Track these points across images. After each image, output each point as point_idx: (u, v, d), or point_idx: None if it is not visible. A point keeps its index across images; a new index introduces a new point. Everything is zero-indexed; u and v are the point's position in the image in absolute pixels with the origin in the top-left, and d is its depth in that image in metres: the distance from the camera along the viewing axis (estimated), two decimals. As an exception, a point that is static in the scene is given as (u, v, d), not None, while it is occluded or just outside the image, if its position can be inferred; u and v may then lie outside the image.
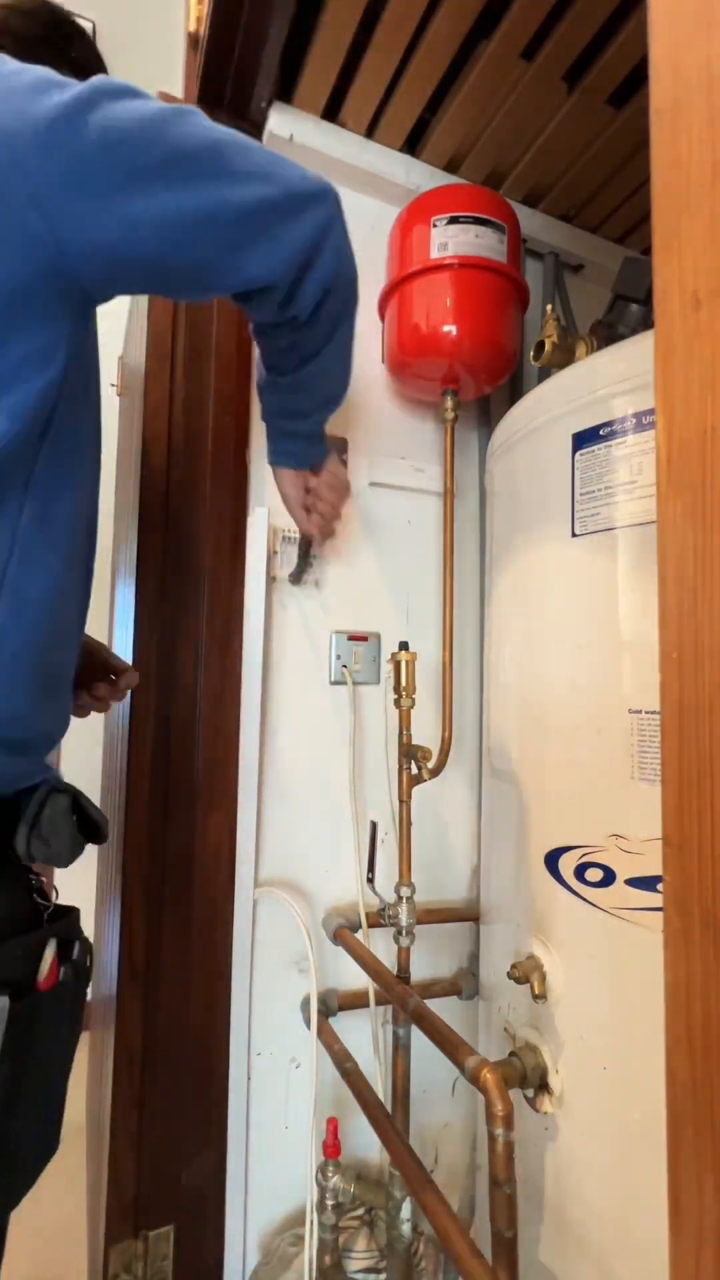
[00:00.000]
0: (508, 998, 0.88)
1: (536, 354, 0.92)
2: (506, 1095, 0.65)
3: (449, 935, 1.15)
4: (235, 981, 0.97)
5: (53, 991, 0.51)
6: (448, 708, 1.05)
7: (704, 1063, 0.30)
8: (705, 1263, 0.30)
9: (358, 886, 1.04)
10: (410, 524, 1.16)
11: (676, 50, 0.33)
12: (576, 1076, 0.75)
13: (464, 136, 1.10)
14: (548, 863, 0.80)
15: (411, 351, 1.03)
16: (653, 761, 0.68)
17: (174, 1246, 0.91)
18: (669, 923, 0.32)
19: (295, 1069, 1.02)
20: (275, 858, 1.02)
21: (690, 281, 0.32)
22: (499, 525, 1.00)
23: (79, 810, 0.56)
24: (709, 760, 0.30)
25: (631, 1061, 0.69)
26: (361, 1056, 0.92)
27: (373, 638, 1.10)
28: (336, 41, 0.94)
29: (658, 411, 0.33)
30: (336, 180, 1.15)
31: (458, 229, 0.98)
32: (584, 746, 0.76)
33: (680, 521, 0.32)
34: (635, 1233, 0.68)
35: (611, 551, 0.74)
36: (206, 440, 0.99)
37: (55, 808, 0.54)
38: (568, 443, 0.80)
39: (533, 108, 1.03)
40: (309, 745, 1.05)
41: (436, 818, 1.14)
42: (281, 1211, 1.01)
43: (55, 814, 0.54)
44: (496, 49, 0.94)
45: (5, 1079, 0.47)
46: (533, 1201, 0.80)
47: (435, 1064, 0.86)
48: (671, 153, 0.33)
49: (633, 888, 0.70)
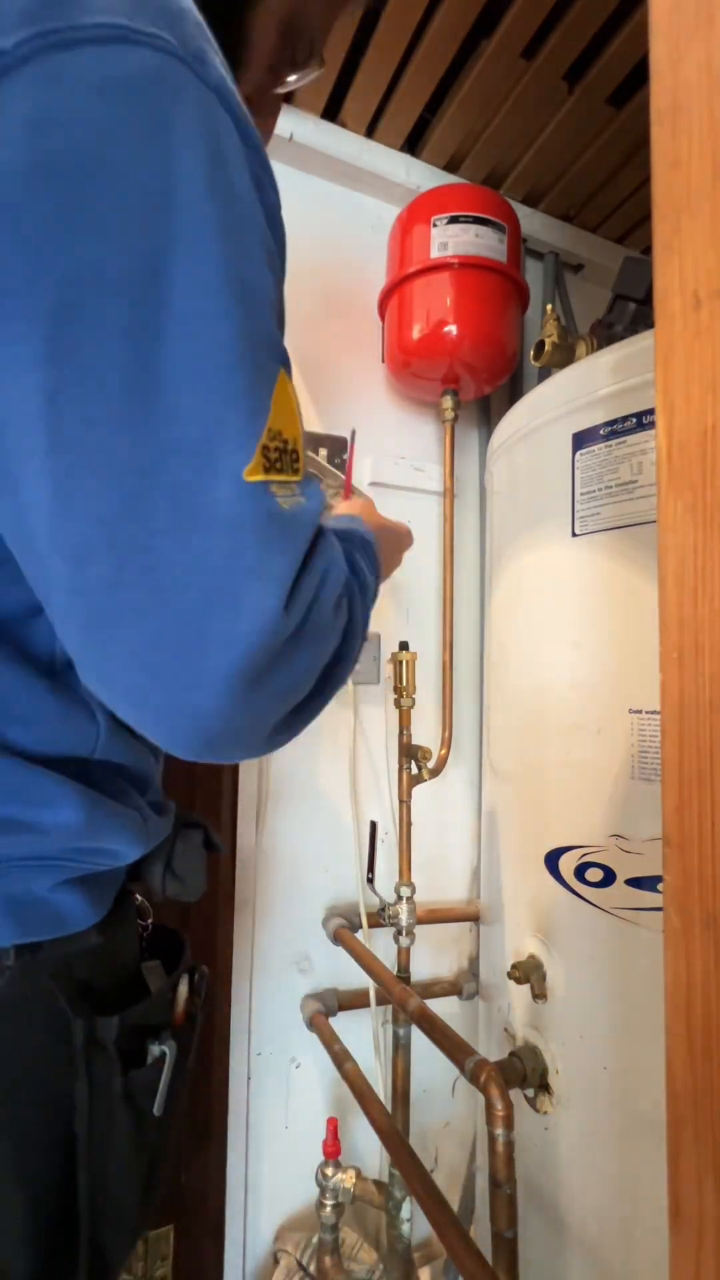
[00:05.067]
0: (508, 998, 0.88)
1: (536, 354, 0.92)
2: (506, 1095, 0.65)
3: (449, 935, 1.15)
4: (235, 981, 0.97)
5: (183, 1026, 0.48)
6: (448, 708, 1.05)
7: (704, 1062, 0.30)
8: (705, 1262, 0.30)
9: (358, 886, 1.04)
10: (410, 523, 1.15)
11: (677, 50, 0.33)
12: (576, 1076, 0.75)
13: (464, 136, 1.10)
14: (548, 863, 0.80)
15: (411, 351, 1.03)
16: (653, 761, 0.68)
17: (174, 1246, 0.91)
18: (669, 922, 0.32)
19: (295, 1069, 1.02)
20: (275, 857, 1.02)
21: (690, 281, 0.32)
22: (499, 525, 1.00)
23: (208, 843, 0.54)
24: (709, 760, 0.30)
25: (632, 1061, 0.69)
26: (361, 1056, 0.92)
27: (373, 638, 1.10)
28: (337, 41, 0.94)
29: (658, 411, 0.33)
30: (337, 180, 1.16)
31: (458, 229, 0.98)
32: (584, 746, 0.76)
33: (680, 521, 0.32)
34: (635, 1232, 0.68)
35: (611, 551, 0.74)
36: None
37: (190, 844, 0.51)
38: (568, 443, 0.80)
39: (533, 107, 1.03)
40: (309, 745, 1.05)
41: (436, 818, 1.14)
42: (282, 1211, 1.01)
43: (190, 851, 0.51)
44: (496, 49, 0.94)
45: (161, 1126, 0.45)
46: (533, 1201, 0.80)
47: (435, 1064, 0.86)
48: (672, 152, 0.33)
49: (633, 888, 0.70)
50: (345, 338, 1.12)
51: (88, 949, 0.42)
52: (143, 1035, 0.44)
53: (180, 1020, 0.48)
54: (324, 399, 1.10)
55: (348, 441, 0.97)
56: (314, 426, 1.09)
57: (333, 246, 1.12)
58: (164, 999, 0.46)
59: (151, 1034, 0.44)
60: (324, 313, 1.11)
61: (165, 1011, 0.46)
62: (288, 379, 0.33)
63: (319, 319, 1.10)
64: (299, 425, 0.33)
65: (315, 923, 1.04)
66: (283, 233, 0.37)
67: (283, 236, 0.38)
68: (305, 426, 1.07)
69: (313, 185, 1.12)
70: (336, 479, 0.97)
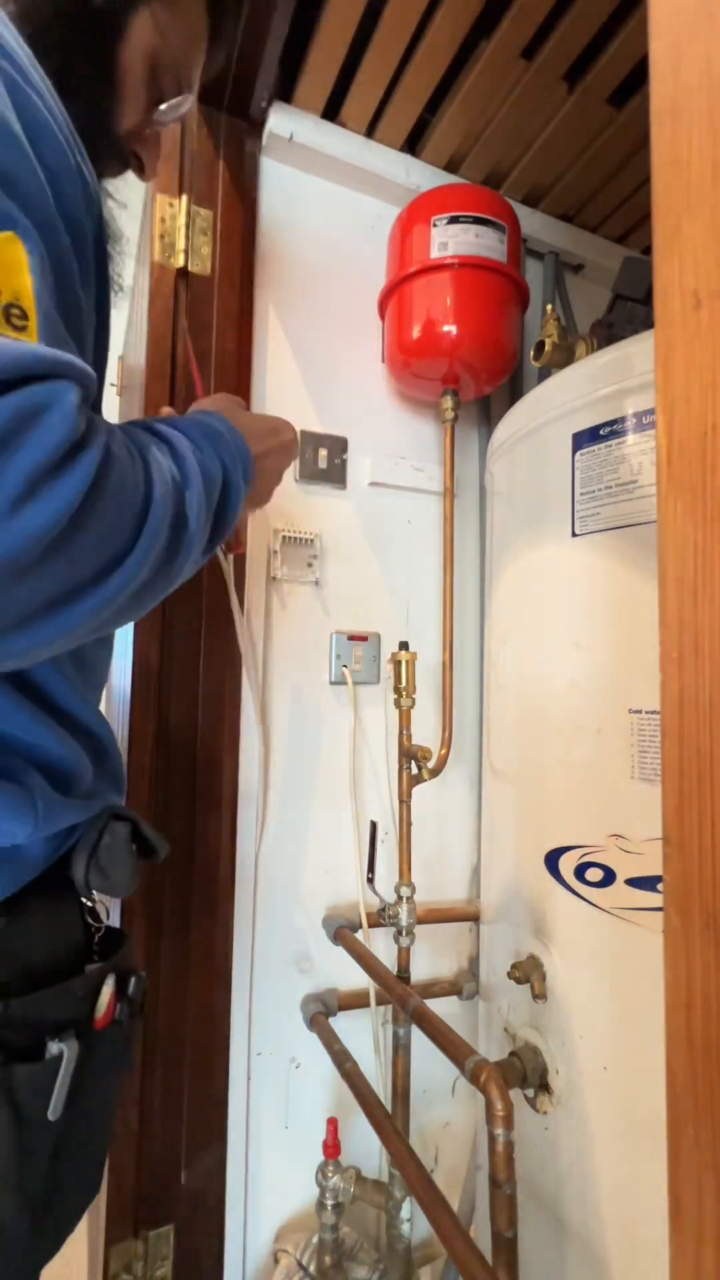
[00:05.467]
0: (508, 998, 0.88)
1: (537, 354, 0.92)
2: (507, 1095, 0.65)
3: (449, 935, 1.15)
4: (235, 981, 0.97)
5: (108, 1030, 0.47)
6: (448, 708, 1.05)
7: (704, 1062, 0.30)
8: (706, 1262, 0.30)
9: (358, 886, 1.04)
10: (410, 523, 1.16)
11: (677, 50, 0.33)
12: (576, 1076, 0.75)
13: (464, 136, 1.10)
14: (548, 863, 0.80)
15: (411, 351, 1.03)
16: (653, 761, 0.68)
17: (174, 1246, 0.91)
18: (669, 922, 0.32)
19: (295, 1069, 1.02)
20: (275, 858, 1.02)
21: (691, 281, 0.32)
22: (499, 525, 1.00)
23: (139, 838, 0.52)
24: (709, 760, 0.30)
25: (632, 1061, 0.69)
26: (361, 1056, 0.92)
27: (373, 637, 1.10)
28: (337, 40, 0.94)
29: (658, 411, 0.33)
30: (336, 180, 1.17)
31: (458, 229, 0.98)
32: (584, 746, 0.76)
33: (680, 521, 0.32)
34: (636, 1232, 0.68)
35: (611, 551, 0.74)
36: (206, 440, 0.99)
37: (115, 836, 0.50)
38: (568, 442, 0.80)
39: (533, 107, 1.03)
40: (309, 745, 1.05)
41: (436, 818, 1.14)
42: (282, 1211, 1.01)
43: (115, 843, 0.50)
44: (496, 48, 0.94)
45: (58, 1130, 0.42)
46: (533, 1201, 0.80)
47: (435, 1064, 0.86)
48: (672, 152, 0.33)
49: (633, 887, 0.70)
50: (345, 337, 1.12)
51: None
52: (40, 1030, 0.42)
53: (103, 1023, 0.46)
54: (324, 399, 1.10)
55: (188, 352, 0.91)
56: (314, 426, 1.08)
57: (332, 246, 1.12)
58: (69, 995, 0.45)
59: (52, 1031, 0.43)
60: (324, 312, 1.11)
61: (72, 1009, 0.45)
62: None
63: (319, 319, 1.10)
64: (20, 283, 0.32)
65: (315, 923, 1.04)
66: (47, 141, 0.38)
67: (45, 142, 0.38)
68: (305, 426, 1.07)
69: (312, 185, 1.12)
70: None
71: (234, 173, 1.04)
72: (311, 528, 1.06)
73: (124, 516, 0.35)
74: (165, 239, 0.98)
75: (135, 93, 0.51)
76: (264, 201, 1.08)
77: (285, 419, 0.61)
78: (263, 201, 1.08)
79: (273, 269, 1.07)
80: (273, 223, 1.08)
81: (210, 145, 1.03)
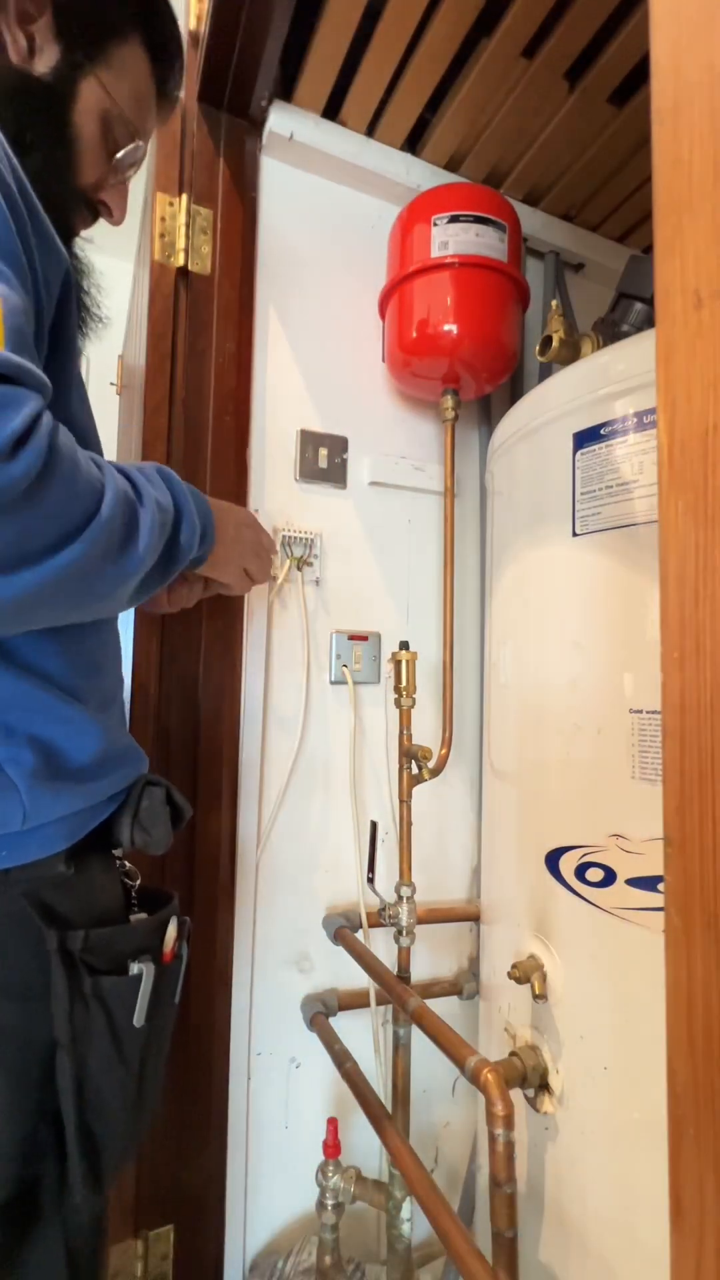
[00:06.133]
0: (508, 998, 0.88)
1: (543, 349, 0.92)
2: (507, 1095, 0.65)
3: (449, 935, 1.15)
4: (235, 981, 0.97)
5: (171, 964, 0.56)
6: (448, 708, 1.05)
7: (705, 1062, 0.30)
8: (706, 1262, 0.30)
9: (358, 886, 1.04)
10: (410, 523, 1.16)
11: (678, 49, 0.33)
12: (577, 1076, 0.75)
13: (464, 135, 1.10)
14: (548, 862, 0.80)
15: (412, 350, 1.03)
16: (654, 761, 0.68)
17: (174, 1246, 0.91)
18: (670, 922, 0.32)
19: (295, 1069, 1.02)
20: (275, 857, 1.02)
21: (692, 281, 0.31)
22: (499, 525, 1.00)
23: (171, 802, 0.61)
24: (710, 760, 0.30)
25: (632, 1061, 0.69)
26: (361, 1056, 0.92)
27: (373, 637, 1.10)
28: (337, 40, 0.94)
29: (659, 411, 0.33)
30: (337, 179, 1.16)
31: (458, 228, 0.98)
32: (584, 746, 0.76)
33: (681, 521, 0.32)
34: (636, 1232, 0.68)
35: (612, 551, 0.74)
36: (206, 440, 0.99)
37: (153, 799, 0.58)
38: (568, 442, 0.80)
39: (533, 107, 1.03)
40: (309, 745, 1.05)
41: (436, 818, 1.14)
42: (281, 1211, 1.01)
43: (154, 805, 0.58)
44: (497, 48, 0.94)
45: (145, 1038, 0.53)
46: (533, 1201, 0.80)
47: (435, 1064, 0.86)
48: (673, 152, 0.33)
49: (633, 888, 0.70)
50: (345, 337, 1.12)
51: (56, 876, 0.50)
52: (123, 956, 0.52)
53: (169, 958, 0.56)
54: (324, 398, 1.10)
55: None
56: (314, 425, 1.08)
57: (333, 245, 1.12)
58: (142, 929, 0.55)
59: (133, 956, 0.53)
60: (324, 311, 1.11)
61: (143, 940, 0.55)
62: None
63: (319, 317, 1.10)
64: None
65: (315, 923, 1.04)
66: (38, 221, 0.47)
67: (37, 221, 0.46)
68: (305, 425, 1.07)
69: (312, 184, 1.12)
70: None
71: (234, 172, 1.04)
72: (312, 527, 1.06)
73: (73, 504, 0.41)
74: (165, 238, 0.98)
75: (92, 147, 0.57)
76: (264, 200, 1.08)
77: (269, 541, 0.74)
78: (263, 200, 1.08)
79: (273, 268, 1.07)
80: (273, 222, 1.08)
81: (210, 144, 1.03)
